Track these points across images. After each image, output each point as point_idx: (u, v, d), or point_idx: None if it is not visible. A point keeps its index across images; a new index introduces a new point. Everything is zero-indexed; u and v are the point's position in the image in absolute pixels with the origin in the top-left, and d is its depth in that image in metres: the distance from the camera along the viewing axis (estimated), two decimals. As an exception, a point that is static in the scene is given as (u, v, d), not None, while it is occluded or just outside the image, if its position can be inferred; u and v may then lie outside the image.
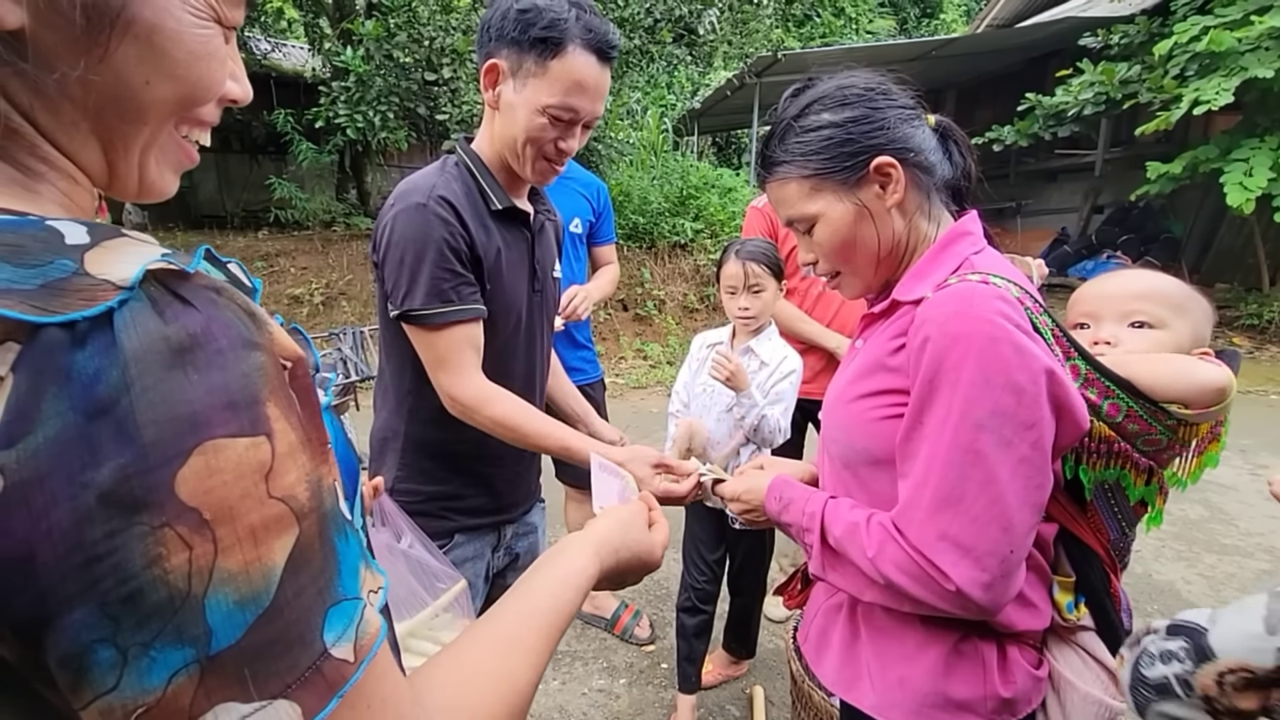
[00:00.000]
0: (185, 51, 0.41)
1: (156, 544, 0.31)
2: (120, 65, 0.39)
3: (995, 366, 0.76)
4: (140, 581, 0.30)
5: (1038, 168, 10.75)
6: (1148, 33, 6.92)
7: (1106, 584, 0.95)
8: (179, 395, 0.32)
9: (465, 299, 1.18)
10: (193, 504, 0.31)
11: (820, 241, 0.93)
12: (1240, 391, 0.86)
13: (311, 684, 0.34)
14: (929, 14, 17.16)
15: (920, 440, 0.82)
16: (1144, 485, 0.92)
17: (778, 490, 1.02)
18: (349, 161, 8.71)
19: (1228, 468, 4.23)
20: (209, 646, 0.32)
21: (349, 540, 0.39)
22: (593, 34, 1.12)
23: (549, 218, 1.43)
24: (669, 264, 7.46)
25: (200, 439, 0.32)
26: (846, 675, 0.97)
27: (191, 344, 0.33)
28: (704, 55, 8.18)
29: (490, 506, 1.38)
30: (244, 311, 0.36)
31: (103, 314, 0.31)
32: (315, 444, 0.38)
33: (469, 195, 1.22)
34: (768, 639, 2.56)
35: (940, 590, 0.80)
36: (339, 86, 6.23)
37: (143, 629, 0.31)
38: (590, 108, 1.17)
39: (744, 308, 1.87)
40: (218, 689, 0.32)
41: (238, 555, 0.32)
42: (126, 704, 0.31)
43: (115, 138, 0.42)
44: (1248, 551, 3.26)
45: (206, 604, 0.32)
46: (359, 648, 0.37)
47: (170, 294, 0.33)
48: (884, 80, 0.93)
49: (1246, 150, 6.07)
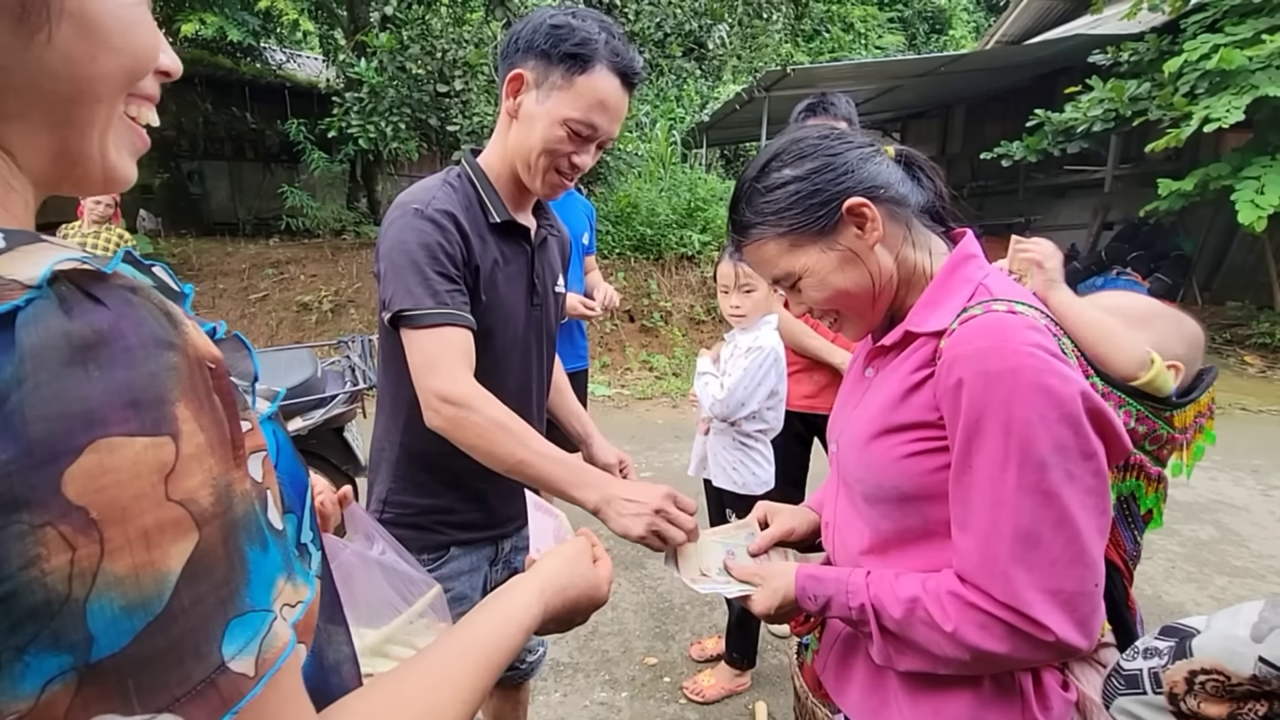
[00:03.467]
0: (118, 21, 0.41)
1: (36, 543, 0.29)
2: (65, 46, 0.39)
3: (1047, 401, 0.74)
4: (15, 583, 0.29)
5: (1047, 184, 10.74)
6: (1157, 50, 6.93)
7: (1125, 597, 0.93)
8: (74, 391, 0.31)
9: (458, 305, 1.17)
10: (80, 503, 0.30)
11: (810, 293, 0.92)
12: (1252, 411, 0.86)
13: (203, 698, 0.33)
14: (938, 30, 17.24)
15: (974, 487, 0.78)
16: (1154, 493, 0.93)
17: (810, 589, 0.94)
18: (360, 171, 8.79)
19: (1240, 488, 4.18)
20: (89, 654, 0.30)
21: (268, 550, 0.37)
22: (619, 58, 1.16)
23: (552, 232, 1.42)
24: (676, 275, 7.48)
25: (93, 436, 0.30)
26: (873, 704, 0.93)
27: (96, 341, 0.32)
28: (713, 69, 8.25)
29: (483, 521, 1.37)
30: (159, 311, 0.35)
31: (6, 313, 0.30)
32: (229, 448, 0.36)
33: (468, 207, 1.23)
34: (771, 654, 2.54)
35: (1038, 643, 0.76)
36: (352, 97, 6.32)
37: (16, 633, 0.29)
38: (608, 127, 1.20)
39: (735, 305, 2.00)
40: (96, 700, 0.30)
41: (126, 558, 0.31)
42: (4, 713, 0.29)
43: (73, 122, 0.41)
44: (1259, 574, 3.21)
45: (89, 608, 0.30)
46: (261, 662, 0.35)
47: (82, 293, 0.33)
48: (834, 128, 0.94)
49: (1258, 168, 6.05)
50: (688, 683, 2.34)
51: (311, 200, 8.16)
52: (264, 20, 7.46)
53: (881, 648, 0.87)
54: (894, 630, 0.85)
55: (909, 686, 0.89)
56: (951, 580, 0.81)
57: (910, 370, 0.87)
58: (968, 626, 0.78)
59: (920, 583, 0.83)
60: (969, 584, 0.79)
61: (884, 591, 0.85)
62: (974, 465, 0.78)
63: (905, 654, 0.86)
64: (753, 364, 1.95)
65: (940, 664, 0.83)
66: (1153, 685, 0.67)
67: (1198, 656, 0.64)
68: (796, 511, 1.16)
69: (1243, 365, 6.95)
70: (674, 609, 2.83)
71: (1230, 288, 8.18)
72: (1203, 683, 0.63)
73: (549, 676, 2.38)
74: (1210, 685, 0.63)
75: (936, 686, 0.87)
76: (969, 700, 0.85)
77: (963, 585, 0.80)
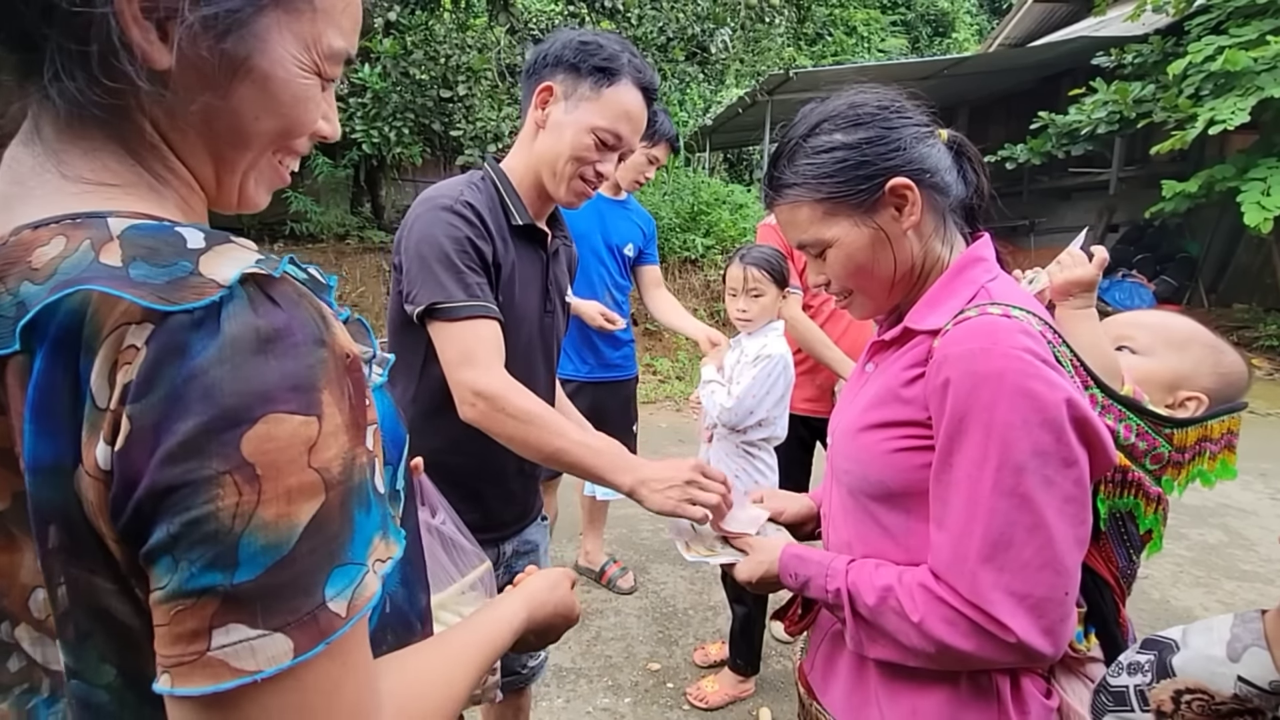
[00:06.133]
0: (290, 96, 0.52)
1: (218, 485, 0.39)
2: (238, 102, 0.50)
3: (1030, 405, 0.74)
4: (200, 512, 0.39)
5: (1051, 186, 10.70)
6: (1161, 52, 6.91)
7: (1116, 613, 0.93)
8: (258, 374, 0.40)
9: (488, 298, 1.20)
10: (250, 459, 0.39)
11: (834, 266, 0.90)
12: (1260, 414, 0.86)
13: (306, 627, 0.41)
14: (941, 33, 17.23)
15: (953, 485, 0.78)
16: (1153, 514, 0.92)
17: (791, 567, 0.97)
18: (364, 175, 8.82)
19: (1248, 492, 4.15)
20: (234, 576, 0.39)
21: (370, 511, 0.46)
22: (642, 74, 1.26)
23: (564, 243, 1.46)
24: (679, 279, 7.47)
25: (267, 410, 0.40)
26: (855, 702, 0.95)
27: (274, 336, 0.41)
28: (716, 73, 8.26)
29: (481, 524, 1.36)
30: (317, 313, 0.45)
31: (211, 305, 0.40)
32: (357, 428, 0.45)
33: (492, 208, 1.27)
34: (775, 660, 2.52)
35: (1000, 644, 0.76)
36: (356, 102, 6.34)
37: (192, 550, 0.39)
38: (630, 137, 1.27)
39: (742, 309, 2.02)
40: (233, 611, 0.39)
41: (274, 508, 0.40)
42: (169, 602, 0.39)
43: (225, 159, 0.53)
44: (1268, 578, 3.18)
45: (241, 541, 0.39)
46: (351, 606, 0.44)
47: (263, 294, 0.43)
48: (897, 97, 0.90)
49: (1264, 169, 6.02)
50: (691, 689, 2.33)
51: (315, 205, 8.18)
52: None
53: (854, 633, 0.89)
54: (866, 617, 0.86)
55: (888, 684, 0.90)
56: (925, 574, 0.82)
57: (904, 367, 0.87)
58: (934, 619, 0.79)
59: (897, 574, 0.84)
60: (940, 580, 0.80)
61: (861, 578, 0.87)
62: (954, 464, 0.78)
63: (876, 642, 0.87)
64: (762, 372, 1.94)
65: (909, 654, 0.84)
66: (1139, 703, 0.67)
67: (1180, 677, 0.65)
68: (793, 496, 1.18)
69: (1251, 368, 6.90)
70: (677, 614, 2.82)
71: (1237, 290, 8.13)
72: (1189, 702, 0.64)
73: (552, 682, 2.37)
74: (1196, 704, 0.64)
75: (914, 685, 0.88)
76: (945, 699, 0.86)
77: (935, 581, 0.81)
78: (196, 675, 0.39)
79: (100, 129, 0.48)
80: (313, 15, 0.52)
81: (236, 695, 0.40)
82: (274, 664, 0.40)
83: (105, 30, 0.44)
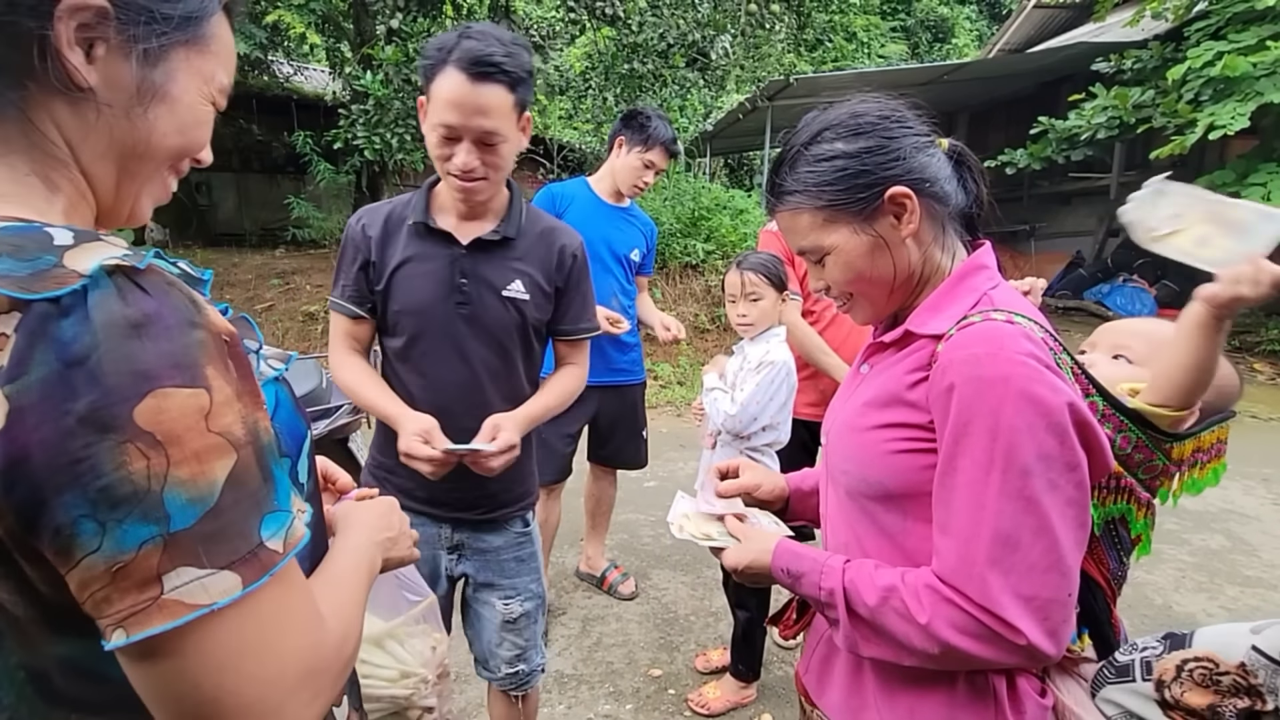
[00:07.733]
0: (193, 119, 0.60)
1: (121, 453, 0.43)
2: (153, 120, 0.56)
3: (1035, 409, 0.75)
4: (112, 478, 0.43)
5: (1051, 191, 10.73)
6: (1161, 58, 6.93)
7: (1108, 614, 0.94)
8: (134, 355, 0.44)
9: (346, 297, 1.43)
10: (148, 429, 0.43)
11: (833, 271, 0.91)
12: (1262, 419, 0.86)
13: (248, 563, 0.47)
14: (941, 39, 17.29)
15: (957, 489, 0.79)
16: (1143, 519, 0.94)
17: (784, 561, 0.95)
18: (366, 182, 8.83)
19: (1250, 497, 4.14)
20: (169, 526, 0.44)
21: (285, 468, 0.53)
22: (464, 55, 1.21)
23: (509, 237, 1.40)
24: (680, 284, 7.47)
25: (151, 387, 0.44)
26: (852, 705, 0.95)
27: (145, 320, 0.45)
28: (716, 79, 8.29)
29: (426, 497, 1.45)
30: (188, 299, 0.48)
31: (74, 293, 0.43)
32: (252, 395, 0.50)
33: (398, 211, 1.42)
34: (776, 666, 2.51)
35: (1010, 646, 0.76)
36: (358, 109, 6.36)
37: (115, 510, 0.43)
38: (467, 121, 1.24)
39: (742, 314, 2.02)
40: (177, 556, 0.44)
41: (186, 468, 0.45)
42: (106, 560, 0.43)
43: (130, 170, 0.58)
44: (1271, 584, 3.17)
45: (164, 497, 0.44)
46: (287, 544, 0.50)
47: (133, 284, 0.46)
48: (899, 107, 0.91)
49: (1264, 175, 6.04)
50: (693, 695, 2.32)
51: (317, 211, 8.21)
52: (271, 33, 7.51)
53: (848, 632, 0.87)
54: (865, 616, 0.85)
55: (885, 687, 0.90)
56: (929, 576, 0.82)
57: (906, 371, 0.87)
58: (941, 622, 0.79)
59: (899, 574, 0.84)
60: (946, 584, 0.80)
61: (861, 578, 0.86)
62: (958, 468, 0.78)
63: (872, 641, 0.86)
64: (765, 379, 1.94)
65: (906, 654, 0.84)
66: (1143, 672, 0.68)
67: (1194, 647, 0.66)
68: (768, 472, 1.18)
69: (1252, 373, 6.90)
70: (679, 620, 2.81)
71: (1238, 294, 8.12)
72: (1190, 670, 0.65)
73: (552, 689, 2.37)
74: (1198, 673, 0.64)
75: (911, 687, 0.88)
76: (942, 700, 0.86)
77: (940, 584, 0.80)
78: (155, 616, 0.43)
79: (4, 143, 0.52)
80: (213, 55, 0.60)
81: (198, 630, 0.44)
82: (226, 595, 0.45)
83: (39, 47, 0.49)
